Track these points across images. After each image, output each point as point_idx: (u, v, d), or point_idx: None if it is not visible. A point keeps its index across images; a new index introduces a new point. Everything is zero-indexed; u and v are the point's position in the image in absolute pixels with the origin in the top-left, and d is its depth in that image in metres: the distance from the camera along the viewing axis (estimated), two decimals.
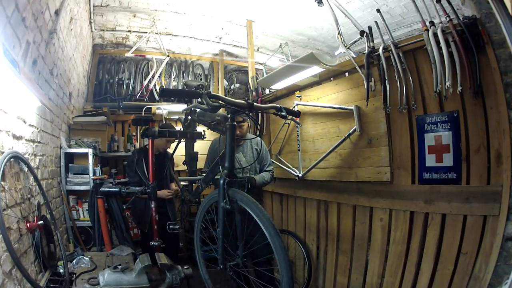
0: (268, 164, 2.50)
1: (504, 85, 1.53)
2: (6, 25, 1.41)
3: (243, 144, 2.49)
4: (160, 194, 2.67)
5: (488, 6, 1.47)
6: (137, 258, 1.98)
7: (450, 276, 1.71)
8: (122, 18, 3.74)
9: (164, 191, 2.79)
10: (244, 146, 2.50)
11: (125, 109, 4.09)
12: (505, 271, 1.45)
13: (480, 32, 1.59)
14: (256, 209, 1.36)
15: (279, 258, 1.27)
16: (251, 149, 2.50)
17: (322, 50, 4.35)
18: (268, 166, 2.49)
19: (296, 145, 2.82)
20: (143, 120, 2.43)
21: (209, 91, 1.48)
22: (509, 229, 1.48)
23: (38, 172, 2.02)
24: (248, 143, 2.50)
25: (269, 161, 2.54)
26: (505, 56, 1.52)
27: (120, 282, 1.69)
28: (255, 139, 2.49)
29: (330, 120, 2.57)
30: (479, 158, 1.67)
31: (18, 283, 1.41)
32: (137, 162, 2.68)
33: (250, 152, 2.49)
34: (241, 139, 2.41)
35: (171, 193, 2.85)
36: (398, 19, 3.48)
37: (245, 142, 2.48)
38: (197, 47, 4.57)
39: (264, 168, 2.48)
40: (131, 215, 3.14)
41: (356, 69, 2.23)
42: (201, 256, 1.82)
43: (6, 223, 1.32)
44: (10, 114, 1.55)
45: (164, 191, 2.79)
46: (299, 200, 2.97)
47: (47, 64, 2.17)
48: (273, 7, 3.48)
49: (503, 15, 1.21)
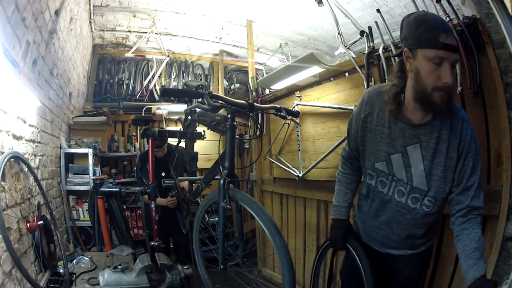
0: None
1: (504, 85, 1.53)
2: (6, 25, 1.41)
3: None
4: (160, 202, 2.54)
5: (488, 6, 1.47)
6: (137, 258, 1.98)
7: (450, 276, 1.71)
8: (122, 18, 3.74)
9: (163, 199, 2.63)
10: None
11: (125, 109, 4.10)
12: (505, 271, 1.45)
13: (480, 32, 1.59)
14: (257, 209, 1.36)
15: (281, 257, 1.27)
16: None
17: (322, 50, 4.34)
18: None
19: (296, 145, 2.82)
20: (143, 120, 2.42)
21: (210, 91, 1.48)
22: (509, 229, 1.48)
23: (38, 172, 2.02)
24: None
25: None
26: (505, 56, 1.51)
27: (120, 282, 1.69)
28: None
29: (330, 120, 2.56)
30: None
31: (18, 283, 1.41)
32: (142, 169, 2.67)
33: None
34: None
35: (173, 201, 2.65)
36: (398, 19, 3.47)
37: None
38: (197, 47, 4.57)
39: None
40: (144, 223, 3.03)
41: (356, 69, 2.23)
42: (200, 257, 1.82)
43: (6, 223, 1.32)
44: (10, 114, 1.55)
45: (164, 199, 2.64)
46: (299, 200, 2.97)
47: (47, 64, 2.17)
48: (273, 7, 3.48)
49: (503, 15, 1.21)
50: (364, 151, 1.20)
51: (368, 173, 1.21)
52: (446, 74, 0.96)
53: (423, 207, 1.10)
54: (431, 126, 1.05)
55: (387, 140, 1.11)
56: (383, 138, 1.12)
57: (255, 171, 3.51)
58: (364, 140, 1.18)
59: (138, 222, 3.79)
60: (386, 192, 1.16)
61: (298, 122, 2.74)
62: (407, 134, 1.07)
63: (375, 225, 1.24)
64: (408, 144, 1.07)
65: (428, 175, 1.07)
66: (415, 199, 1.10)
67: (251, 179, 3.48)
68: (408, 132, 1.07)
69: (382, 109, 1.12)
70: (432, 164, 1.05)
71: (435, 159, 1.05)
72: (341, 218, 1.30)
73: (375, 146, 1.14)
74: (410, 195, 1.11)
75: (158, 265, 1.83)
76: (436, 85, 0.97)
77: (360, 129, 1.18)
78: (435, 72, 0.97)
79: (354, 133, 1.22)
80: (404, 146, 1.08)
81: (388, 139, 1.11)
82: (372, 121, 1.14)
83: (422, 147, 1.06)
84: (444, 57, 0.95)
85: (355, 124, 1.22)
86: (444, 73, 0.96)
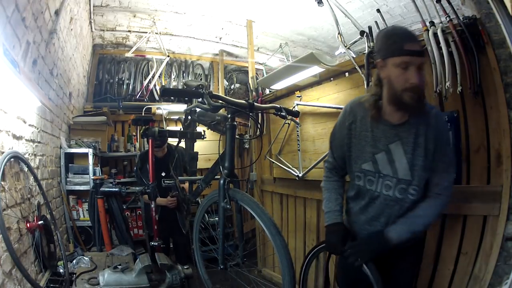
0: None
1: (504, 85, 1.53)
2: (6, 25, 1.41)
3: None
4: (160, 202, 2.53)
5: (488, 6, 1.47)
6: (137, 258, 1.98)
7: (450, 276, 1.71)
8: (122, 18, 3.74)
9: (163, 199, 2.63)
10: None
11: (125, 109, 4.10)
12: (505, 271, 1.45)
13: (480, 32, 1.59)
14: (257, 208, 1.36)
15: (281, 257, 1.27)
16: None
17: (322, 50, 4.35)
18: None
19: (296, 145, 2.82)
20: (143, 120, 2.42)
21: (210, 91, 1.48)
22: (509, 229, 1.48)
23: (38, 172, 2.02)
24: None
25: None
26: (505, 56, 1.51)
27: (120, 282, 1.69)
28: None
29: (330, 120, 2.56)
30: (479, 158, 1.67)
31: (18, 283, 1.41)
32: (142, 169, 2.67)
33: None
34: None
35: (172, 201, 2.65)
36: (398, 19, 3.48)
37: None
38: (197, 47, 4.58)
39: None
40: (145, 224, 3.05)
41: (356, 69, 2.23)
42: (200, 257, 1.82)
43: (6, 223, 1.32)
44: (10, 114, 1.55)
45: (164, 199, 2.64)
46: (299, 200, 2.97)
47: (47, 64, 2.17)
48: (273, 7, 3.48)
49: (503, 15, 1.21)
50: (350, 156, 1.31)
51: (356, 176, 1.31)
52: (412, 76, 1.10)
53: (409, 196, 1.21)
54: (408, 124, 1.19)
55: (371, 142, 1.24)
56: (367, 141, 1.25)
57: (255, 171, 3.52)
58: (350, 146, 1.30)
59: (138, 222, 3.79)
60: (375, 189, 1.26)
61: (298, 122, 2.74)
62: (388, 134, 1.21)
63: (365, 221, 1.31)
64: (390, 142, 1.21)
65: (411, 166, 1.19)
66: (402, 189, 1.21)
67: (251, 179, 3.48)
68: (389, 132, 1.21)
69: (364, 116, 1.25)
70: (413, 156, 1.18)
71: (415, 151, 1.18)
72: (336, 222, 1.33)
73: (361, 149, 1.27)
74: (397, 187, 1.22)
75: (158, 265, 1.83)
76: (404, 86, 1.11)
77: (346, 136, 1.30)
78: (403, 76, 1.11)
79: (339, 142, 1.34)
80: (387, 144, 1.21)
81: (372, 142, 1.23)
82: (356, 128, 1.27)
83: (403, 143, 1.19)
84: (409, 62, 1.10)
85: (340, 134, 1.34)
86: (411, 75, 1.10)
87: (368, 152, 1.24)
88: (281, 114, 1.60)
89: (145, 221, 2.94)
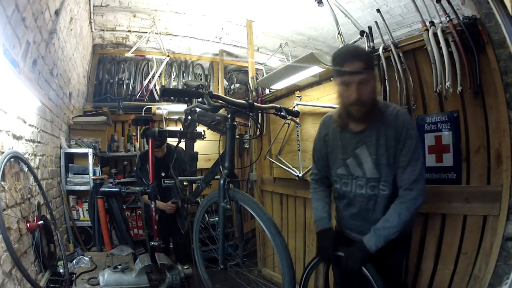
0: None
1: (504, 85, 1.53)
2: (6, 25, 1.41)
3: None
4: (159, 206, 2.53)
5: (488, 6, 1.47)
6: (137, 258, 1.98)
7: (450, 276, 1.71)
8: (122, 18, 3.74)
9: (163, 203, 2.65)
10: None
11: (125, 109, 4.10)
12: (505, 271, 1.45)
13: (480, 32, 1.59)
14: (257, 208, 1.36)
15: (281, 257, 1.27)
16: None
17: (322, 50, 4.34)
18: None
19: (296, 145, 2.82)
20: (143, 120, 2.42)
21: (210, 91, 1.48)
22: (509, 229, 1.48)
23: (38, 172, 2.02)
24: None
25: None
26: (505, 56, 1.52)
27: (120, 282, 1.69)
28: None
29: None
30: (479, 158, 1.67)
31: (18, 283, 1.41)
32: (141, 169, 2.67)
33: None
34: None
35: (172, 208, 2.66)
36: (398, 19, 3.48)
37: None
38: (197, 47, 4.58)
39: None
40: (145, 224, 3.04)
41: None
42: (200, 257, 1.82)
43: (6, 223, 1.33)
44: (10, 114, 1.55)
45: (163, 203, 2.65)
46: (299, 200, 2.97)
47: (47, 64, 2.17)
48: (273, 7, 3.48)
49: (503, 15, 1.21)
50: (328, 164, 1.49)
51: (334, 180, 1.48)
52: (353, 92, 1.24)
53: (380, 192, 1.34)
54: (369, 129, 1.32)
55: (341, 150, 1.40)
56: (339, 149, 1.41)
57: (255, 171, 3.51)
58: (327, 156, 1.47)
59: (138, 222, 3.79)
60: (350, 190, 1.41)
61: (298, 122, 2.74)
62: (354, 141, 1.36)
63: (349, 217, 1.46)
64: (356, 148, 1.36)
65: (376, 165, 1.32)
66: (372, 187, 1.35)
67: (251, 179, 3.48)
68: (354, 139, 1.36)
69: (335, 128, 1.42)
70: (377, 156, 1.31)
71: (378, 151, 1.30)
72: (325, 227, 1.44)
73: (335, 157, 1.44)
74: (367, 185, 1.36)
75: (158, 265, 1.83)
76: (348, 102, 1.27)
77: (323, 147, 1.48)
78: (346, 93, 1.27)
79: (319, 153, 1.51)
80: (354, 150, 1.36)
81: (342, 149, 1.40)
82: (329, 139, 1.45)
83: (367, 147, 1.33)
84: (349, 81, 1.24)
85: (318, 146, 1.51)
86: (352, 92, 1.24)
87: (340, 158, 1.41)
88: (281, 114, 1.60)
89: (145, 221, 2.94)
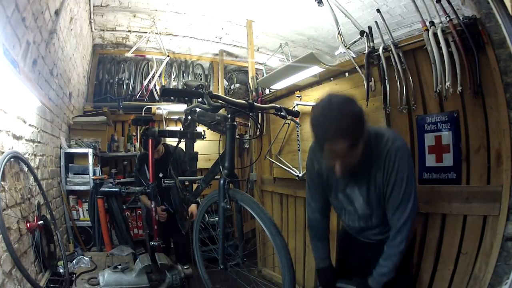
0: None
1: (504, 85, 1.53)
2: (6, 25, 1.41)
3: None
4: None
5: (488, 6, 1.47)
6: (137, 258, 1.98)
7: (450, 276, 1.71)
8: (122, 18, 3.74)
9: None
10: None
11: (125, 109, 4.10)
12: (505, 271, 1.45)
13: (480, 32, 1.59)
14: (257, 208, 1.36)
15: (281, 257, 1.27)
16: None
17: (322, 50, 4.35)
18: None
19: (296, 145, 2.81)
20: (143, 120, 2.43)
21: (210, 91, 1.49)
22: (509, 229, 1.48)
23: (38, 172, 2.02)
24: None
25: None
26: (505, 56, 1.52)
27: (120, 282, 1.69)
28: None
29: None
30: (479, 158, 1.67)
31: (18, 283, 1.41)
32: (139, 171, 2.66)
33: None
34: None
35: (162, 215, 2.54)
36: (398, 19, 3.48)
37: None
38: (197, 47, 4.57)
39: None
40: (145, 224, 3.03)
41: (356, 69, 2.23)
42: (200, 257, 1.82)
43: (6, 223, 1.33)
44: (10, 114, 1.55)
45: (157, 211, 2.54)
46: (299, 200, 2.97)
47: (47, 64, 2.17)
48: (273, 7, 3.48)
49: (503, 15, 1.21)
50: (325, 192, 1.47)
51: (331, 202, 1.48)
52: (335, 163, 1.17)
53: (373, 224, 1.36)
54: (361, 171, 1.27)
55: (334, 183, 1.39)
56: (332, 182, 1.40)
57: (255, 171, 3.51)
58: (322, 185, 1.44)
59: (138, 222, 3.79)
60: (344, 219, 1.47)
61: (298, 122, 2.74)
62: (344, 181, 1.35)
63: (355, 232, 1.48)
64: (346, 187, 1.35)
65: (367, 205, 1.32)
66: (364, 221, 1.38)
67: (251, 179, 3.48)
68: (345, 179, 1.34)
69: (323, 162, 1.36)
70: (368, 196, 1.30)
71: (369, 192, 1.29)
72: (323, 266, 1.48)
73: (329, 186, 1.42)
74: (360, 220, 1.39)
75: (158, 265, 1.83)
76: (332, 164, 1.21)
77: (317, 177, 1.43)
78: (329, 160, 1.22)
79: (317, 184, 1.45)
80: (345, 188, 1.36)
81: (334, 183, 1.39)
82: (322, 170, 1.41)
83: (358, 186, 1.32)
84: (330, 155, 1.17)
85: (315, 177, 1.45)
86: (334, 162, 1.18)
87: (333, 191, 1.41)
88: (281, 114, 1.60)
89: (145, 221, 2.94)
